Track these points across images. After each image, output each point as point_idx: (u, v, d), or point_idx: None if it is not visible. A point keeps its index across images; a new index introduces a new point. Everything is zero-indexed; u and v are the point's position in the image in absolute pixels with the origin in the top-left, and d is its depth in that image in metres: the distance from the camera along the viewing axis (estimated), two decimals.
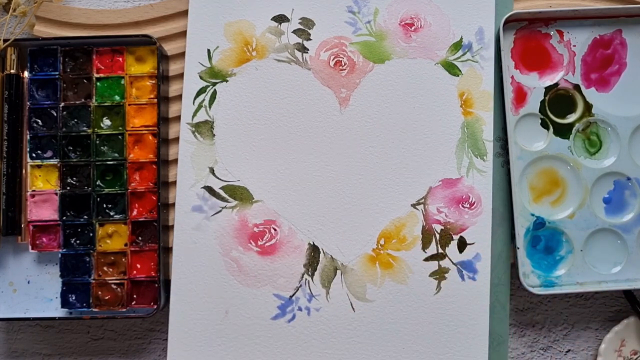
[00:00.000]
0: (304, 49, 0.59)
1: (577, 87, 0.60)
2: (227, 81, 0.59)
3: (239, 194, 0.58)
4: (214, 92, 0.59)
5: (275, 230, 0.58)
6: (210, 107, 0.58)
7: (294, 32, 0.59)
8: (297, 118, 0.58)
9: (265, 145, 0.58)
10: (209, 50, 0.59)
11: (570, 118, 0.60)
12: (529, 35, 0.60)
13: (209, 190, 0.58)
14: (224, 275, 0.57)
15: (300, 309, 0.57)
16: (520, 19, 0.60)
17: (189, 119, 0.58)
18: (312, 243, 0.58)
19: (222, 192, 0.58)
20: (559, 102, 0.60)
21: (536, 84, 0.60)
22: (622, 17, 0.60)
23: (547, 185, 0.60)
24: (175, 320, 0.56)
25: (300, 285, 0.57)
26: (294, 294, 0.57)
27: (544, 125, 0.60)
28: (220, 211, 0.58)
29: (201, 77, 0.59)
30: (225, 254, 0.57)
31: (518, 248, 0.57)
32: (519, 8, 0.61)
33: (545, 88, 0.60)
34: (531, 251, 0.59)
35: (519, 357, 0.61)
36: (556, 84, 0.60)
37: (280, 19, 0.59)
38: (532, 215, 0.59)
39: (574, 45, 0.60)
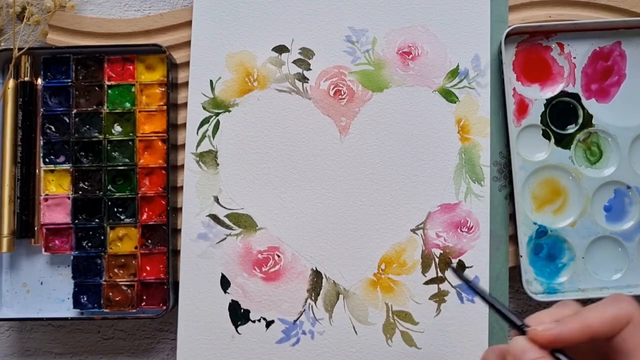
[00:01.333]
0: (304, 79, 0.59)
1: (577, 98, 0.60)
2: (229, 111, 0.59)
3: (243, 222, 0.58)
4: (217, 122, 0.59)
5: (279, 256, 0.58)
6: (213, 137, 0.59)
7: (294, 62, 0.59)
8: (298, 147, 0.59)
9: (268, 174, 0.59)
10: (211, 81, 0.59)
11: (571, 129, 0.60)
12: (530, 48, 0.60)
13: (214, 218, 0.58)
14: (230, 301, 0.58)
15: (304, 333, 0.57)
16: (522, 32, 0.60)
17: (193, 148, 0.59)
18: (315, 269, 0.58)
19: (226, 220, 0.58)
20: (560, 113, 0.60)
21: (537, 95, 0.60)
22: (621, 29, 0.60)
23: (549, 194, 0.60)
24: (184, 345, 0.57)
25: (304, 310, 0.58)
26: (298, 318, 0.58)
27: (546, 136, 0.60)
28: (225, 239, 0.58)
29: (204, 108, 0.59)
30: (230, 280, 0.58)
31: (521, 256, 0.58)
32: (518, 19, 0.61)
33: (547, 99, 0.60)
34: (534, 259, 0.60)
35: None
36: (557, 96, 0.60)
37: (281, 49, 0.60)
38: (535, 223, 0.59)
39: (574, 57, 0.60)
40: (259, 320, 0.57)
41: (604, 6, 0.61)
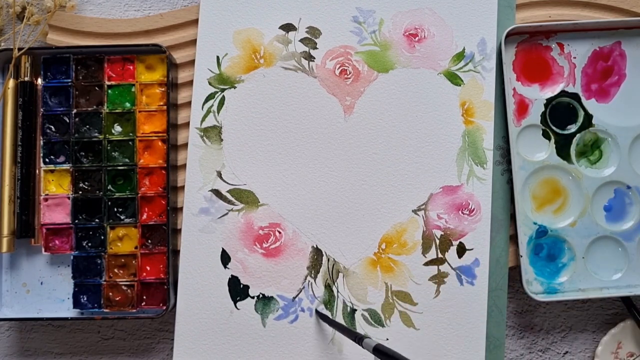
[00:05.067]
0: (310, 58, 0.60)
1: (577, 98, 0.60)
2: (235, 87, 0.60)
3: (245, 198, 0.59)
4: (222, 98, 0.59)
5: (280, 233, 0.59)
6: (218, 112, 0.59)
7: (301, 40, 0.60)
8: (302, 124, 0.59)
9: (272, 151, 0.59)
10: (218, 57, 0.60)
11: (571, 129, 0.60)
12: (530, 48, 0.61)
13: (216, 193, 0.59)
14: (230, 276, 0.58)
15: (302, 310, 0.58)
16: (522, 32, 0.60)
17: (197, 123, 0.59)
18: (315, 246, 0.58)
19: (229, 195, 0.59)
20: (560, 113, 0.60)
21: (537, 95, 0.60)
22: (621, 29, 0.61)
23: (549, 194, 0.60)
24: (182, 319, 0.57)
25: (303, 287, 0.58)
26: (297, 296, 0.58)
27: (546, 136, 0.60)
28: (226, 214, 0.58)
29: (210, 83, 0.59)
30: (231, 255, 0.58)
31: (521, 256, 0.58)
32: (519, 19, 0.61)
33: (547, 99, 0.60)
34: (534, 259, 0.60)
35: (518, 359, 0.61)
36: (557, 96, 0.60)
37: (288, 27, 0.60)
38: (535, 223, 0.60)
39: (574, 57, 0.61)
40: (258, 296, 0.58)
41: (604, 6, 0.61)
